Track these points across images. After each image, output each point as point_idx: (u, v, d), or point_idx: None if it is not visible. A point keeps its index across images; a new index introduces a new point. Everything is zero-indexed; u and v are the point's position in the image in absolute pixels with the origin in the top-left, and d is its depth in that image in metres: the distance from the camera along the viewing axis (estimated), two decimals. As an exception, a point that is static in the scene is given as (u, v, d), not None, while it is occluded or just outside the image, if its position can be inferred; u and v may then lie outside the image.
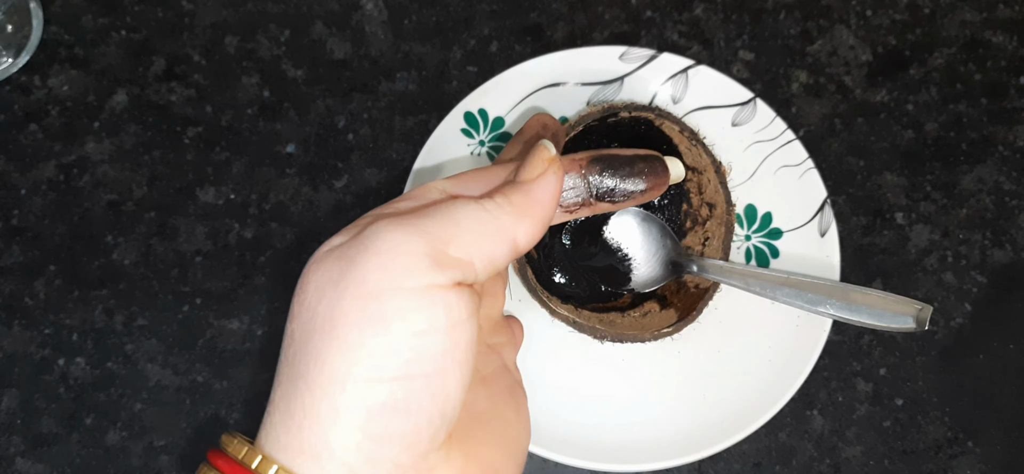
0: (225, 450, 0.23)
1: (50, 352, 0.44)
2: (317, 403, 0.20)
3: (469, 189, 0.26)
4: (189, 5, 0.49)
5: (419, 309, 0.20)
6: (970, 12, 0.49)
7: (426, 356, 0.20)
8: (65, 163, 0.47)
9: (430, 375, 0.21)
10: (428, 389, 0.21)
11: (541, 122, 0.33)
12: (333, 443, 0.20)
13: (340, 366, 0.20)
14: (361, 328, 0.20)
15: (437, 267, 0.21)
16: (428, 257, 0.21)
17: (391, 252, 0.20)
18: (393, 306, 0.20)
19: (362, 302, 0.20)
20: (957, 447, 0.43)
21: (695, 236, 0.43)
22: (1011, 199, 0.46)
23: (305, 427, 0.21)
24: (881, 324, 0.36)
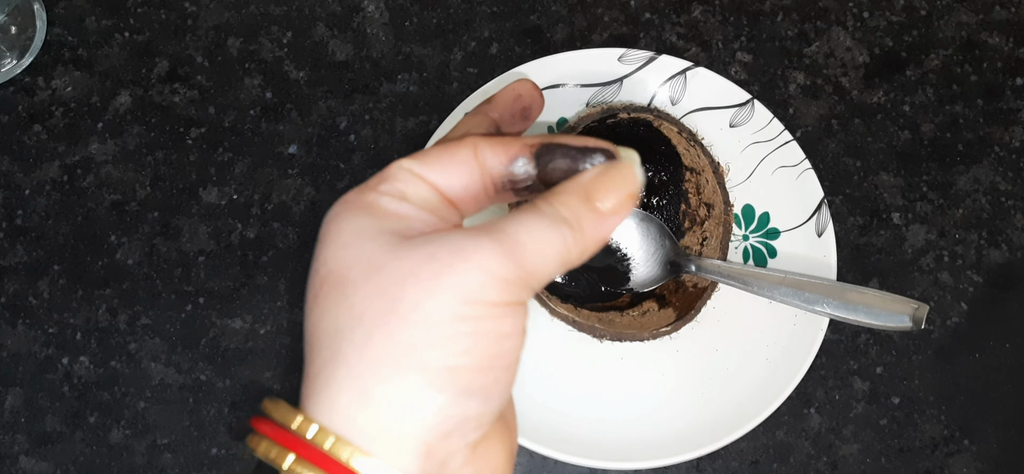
0: (287, 426, 0.23)
1: (54, 351, 0.45)
2: (406, 386, 0.22)
3: (437, 170, 0.25)
4: (192, 7, 0.49)
5: (503, 317, 0.23)
6: (966, 14, 0.49)
7: (505, 352, 0.23)
8: (69, 164, 0.47)
9: (504, 369, 0.23)
10: (502, 382, 0.23)
11: (515, 93, 0.30)
12: (417, 424, 0.22)
13: (431, 355, 0.22)
14: (453, 324, 0.22)
15: (519, 293, 0.23)
16: (515, 284, 0.23)
17: (489, 272, 0.22)
18: (485, 310, 0.22)
19: (457, 305, 0.22)
20: (953, 445, 0.44)
21: (693, 236, 0.44)
22: (1007, 199, 0.47)
23: (386, 406, 0.22)
24: (878, 323, 0.37)
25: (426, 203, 0.24)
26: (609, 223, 0.25)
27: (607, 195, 0.25)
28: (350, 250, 0.23)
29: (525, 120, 0.30)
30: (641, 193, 0.28)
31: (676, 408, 0.42)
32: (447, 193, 0.25)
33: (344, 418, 0.22)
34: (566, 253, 0.24)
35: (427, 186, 0.25)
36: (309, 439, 0.22)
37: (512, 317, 0.23)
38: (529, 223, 0.23)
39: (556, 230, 0.23)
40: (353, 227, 0.24)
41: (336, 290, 0.23)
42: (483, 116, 0.29)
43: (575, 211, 0.24)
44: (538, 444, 0.41)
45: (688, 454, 0.41)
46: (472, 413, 0.23)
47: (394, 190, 0.24)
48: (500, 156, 0.25)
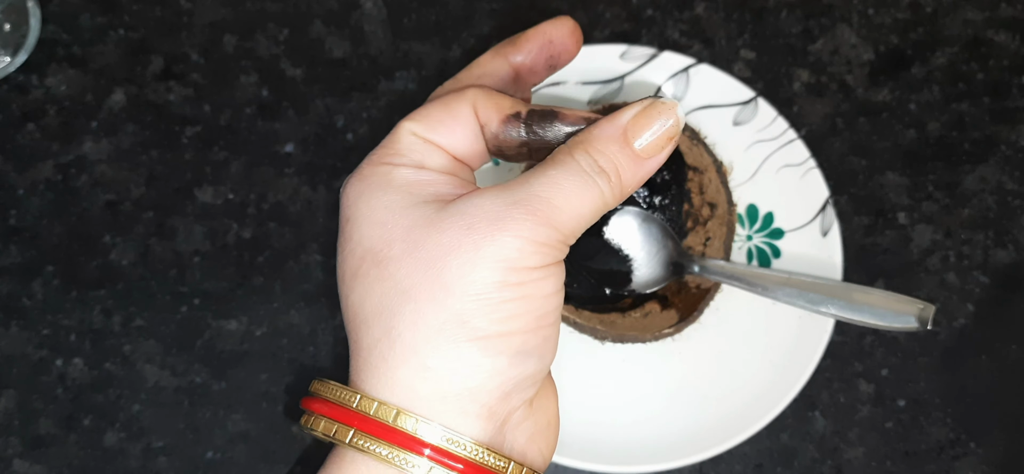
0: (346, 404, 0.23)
1: (48, 353, 0.44)
2: (463, 355, 0.22)
3: (442, 132, 0.25)
4: (187, 4, 0.49)
5: (546, 277, 0.23)
6: (972, 11, 0.48)
7: (549, 311, 0.23)
8: (63, 163, 0.46)
9: (551, 326, 0.24)
10: (551, 338, 0.24)
11: (546, 37, 0.28)
12: (477, 389, 0.23)
13: (482, 323, 0.22)
14: (500, 291, 0.22)
15: (557, 252, 0.23)
16: (552, 247, 0.23)
17: (528, 239, 0.22)
18: (527, 278, 0.23)
19: (500, 273, 0.22)
20: (959, 448, 0.43)
21: (696, 236, 0.43)
22: (1014, 199, 0.46)
23: (446, 377, 0.23)
24: (883, 324, 0.36)
25: (443, 167, 0.24)
26: (647, 167, 0.24)
27: (647, 136, 0.24)
28: (386, 227, 0.23)
29: (550, 69, 0.28)
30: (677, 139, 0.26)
31: (679, 411, 0.42)
32: (455, 154, 0.25)
33: (405, 389, 0.23)
34: (602, 204, 0.24)
35: (439, 151, 0.25)
36: (371, 414, 0.23)
37: (553, 277, 0.23)
38: (563, 182, 0.23)
39: (592, 184, 0.23)
40: (384, 203, 0.24)
41: (378, 267, 0.23)
42: (503, 59, 0.27)
43: (613, 159, 0.24)
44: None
45: (691, 458, 0.40)
46: (529, 372, 0.24)
47: (411, 161, 0.24)
48: (492, 115, 0.25)
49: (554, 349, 0.24)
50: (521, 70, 0.27)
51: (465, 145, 0.25)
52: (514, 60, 0.27)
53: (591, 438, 0.41)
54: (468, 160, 0.25)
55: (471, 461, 0.22)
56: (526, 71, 0.28)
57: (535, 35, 0.28)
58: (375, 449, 0.22)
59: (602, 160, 0.24)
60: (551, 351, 0.24)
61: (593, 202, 0.23)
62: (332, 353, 0.44)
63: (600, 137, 0.24)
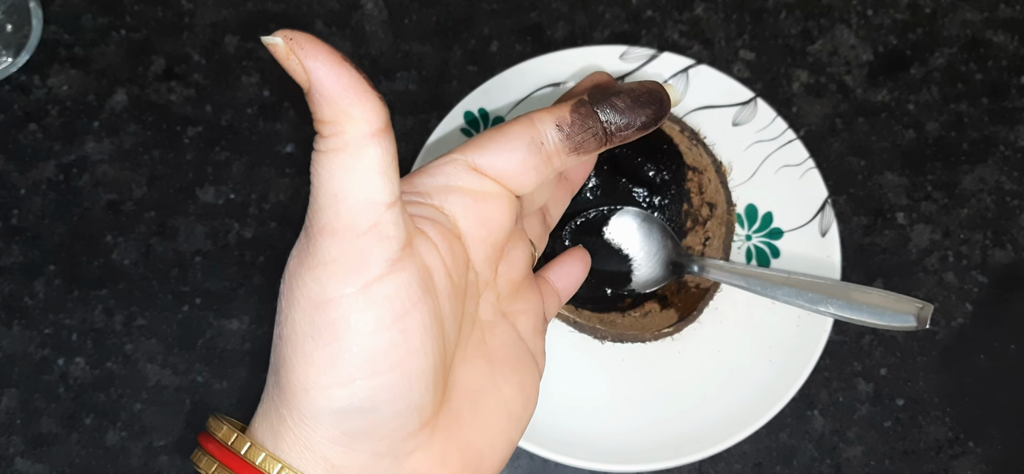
0: (214, 434, 0.24)
1: (50, 352, 0.44)
2: (292, 407, 0.22)
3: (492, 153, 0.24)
4: (189, 4, 0.49)
5: (361, 310, 0.20)
6: (971, 11, 0.49)
7: (379, 353, 0.21)
8: (65, 163, 0.47)
9: (388, 370, 0.21)
10: (389, 385, 0.21)
11: (594, 82, 0.28)
12: (311, 441, 0.22)
13: (302, 376, 0.21)
14: (314, 339, 0.21)
15: (362, 261, 0.20)
16: (347, 258, 0.21)
17: (317, 263, 0.21)
18: (338, 314, 0.20)
19: (310, 315, 0.21)
20: (958, 447, 0.43)
21: (696, 236, 0.43)
22: (1012, 199, 0.46)
23: (287, 423, 0.22)
24: (882, 323, 0.36)
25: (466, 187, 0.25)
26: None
27: None
28: None
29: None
30: None
31: (678, 410, 0.42)
32: (504, 177, 0.24)
33: (271, 434, 0.23)
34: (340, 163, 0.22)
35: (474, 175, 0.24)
36: (256, 464, 0.22)
37: (370, 308, 0.21)
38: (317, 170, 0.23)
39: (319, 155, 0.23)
40: None
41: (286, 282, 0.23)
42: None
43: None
44: (538, 447, 0.40)
45: (690, 457, 0.40)
46: (361, 427, 0.22)
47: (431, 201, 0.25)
48: (560, 116, 0.24)
49: (406, 400, 0.22)
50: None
51: (516, 161, 0.24)
52: None
53: (591, 437, 0.41)
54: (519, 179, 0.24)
55: None
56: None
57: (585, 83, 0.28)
58: None
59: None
60: (393, 402, 0.21)
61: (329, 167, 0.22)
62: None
63: None
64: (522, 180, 0.24)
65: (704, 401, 0.42)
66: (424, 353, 0.22)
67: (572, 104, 0.24)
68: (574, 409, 0.42)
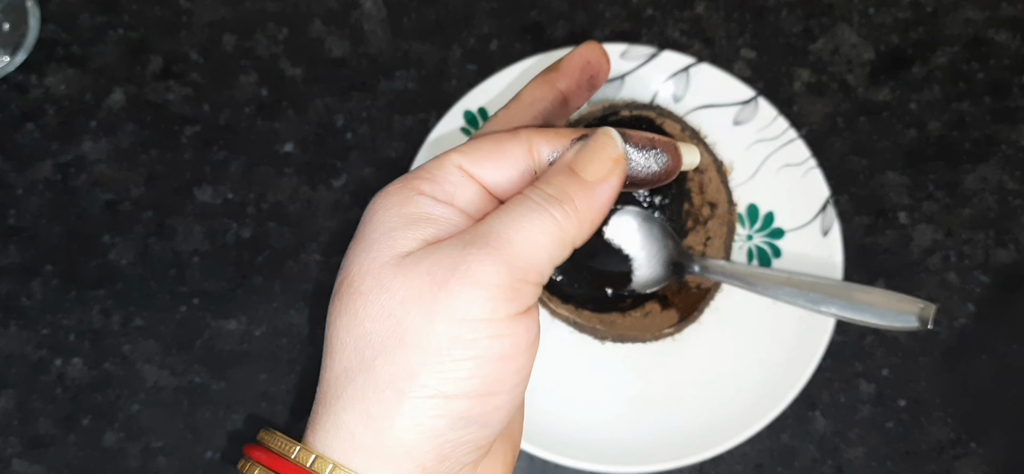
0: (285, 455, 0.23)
1: (47, 353, 0.44)
2: (405, 410, 0.22)
3: (488, 168, 0.24)
4: (187, 3, 0.48)
5: (502, 337, 0.22)
6: (973, 10, 0.48)
7: (507, 375, 0.23)
8: (62, 162, 0.46)
9: (506, 393, 0.23)
10: (503, 406, 0.23)
11: (583, 60, 0.29)
12: (414, 447, 0.22)
13: (430, 380, 0.22)
14: (451, 350, 0.22)
15: (520, 298, 0.23)
16: (512, 289, 0.22)
17: (483, 285, 0.22)
18: (482, 333, 0.22)
19: (455, 328, 0.22)
20: (960, 448, 0.43)
21: (697, 236, 0.43)
22: (1014, 198, 0.46)
23: (386, 429, 0.22)
24: (884, 323, 0.36)
25: (469, 204, 0.24)
26: (600, 194, 0.24)
27: (590, 164, 0.24)
28: (370, 255, 0.23)
29: (591, 90, 0.29)
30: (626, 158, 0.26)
31: (679, 411, 0.41)
32: (494, 190, 0.25)
33: (347, 435, 0.23)
34: (561, 233, 0.23)
35: (476, 187, 0.25)
36: (307, 466, 0.23)
37: (512, 335, 0.23)
38: (515, 213, 0.23)
39: (544, 212, 0.23)
40: (383, 228, 0.24)
41: (350, 297, 0.23)
42: (549, 86, 0.28)
43: (562, 187, 0.24)
44: (538, 447, 0.40)
45: (691, 458, 0.40)
46: (469, 439, 0.23)
47: (443, 193, 0.24)
48: (555, 147, 0.25)
49: (504, 419, 0.23)
50: (567, 93, 0.28)
51: (509, 184, 0.25)
52: (561, 85, 0.28)
53: (591, 438, 0.41)
54: (505, 196, 0.25)
55: None
56: (571, 94, 0.28)
57: (574, 58, 0.28)
58: None
59: (552, 190, 0.23)
60: (500, 420, 0.23)
61: (548, 232, 0.23)
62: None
63: (549, 172, 0.24)
64: (510, 195, 0.25)
65: (705, 402, 0.41)
66: (527, 381, 0.24)
67: (571, 139, 0.25)
68: (574, 410, 0.42)
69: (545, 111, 0.28)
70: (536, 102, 0.27)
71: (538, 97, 0.28)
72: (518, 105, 0.27)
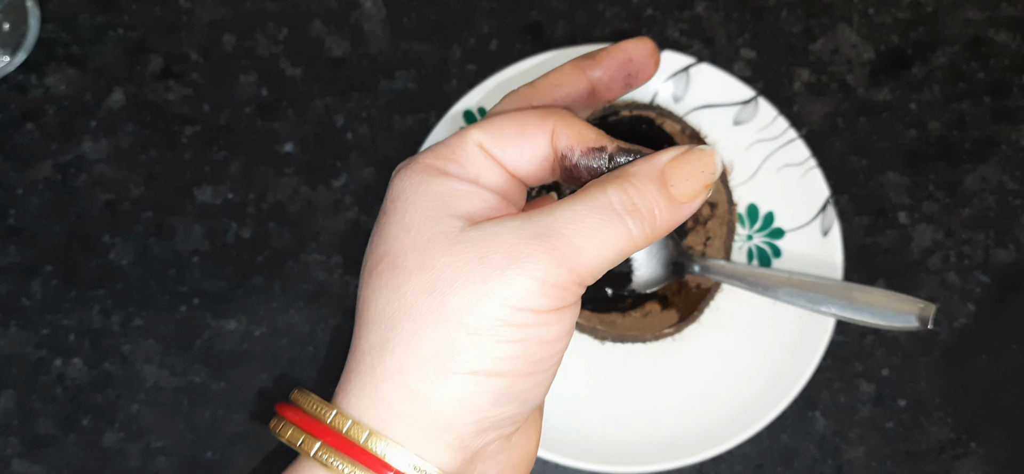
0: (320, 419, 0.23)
1: (47, 353, 0.44)
2: (447, 385, 0.22)
3: (509, 150, 0.24)
4: (187, 3, 0.48)
5: (549, 324, 0.23)
6: (973, 10, 0.48)
7: (548, 357, 0.23)
8: (62, 162, 0.46)
9: (545, 372, 0.23)
10: (542, 383, 0.24)
11: (626, 55, 0.27)
12: (454, 420, 0.23)
13: (474, 358, 0.22)
14: (497, 330, 0.22)
15: (571, 296, 0.23)
16: (566, 290, 0.22)
17: (540, 280, 0.22)
18: (532, 318, 0.22)
19: (503, 312, 0.22)
20: (960, 448, 0.43)
21: (697, 236, 0.43)
22: (1015, 198, 0.46)
23: (427, 401, 0.22)
24: (884, 323, 0.36)
25: (496, 186, 0.24)
26: (682, 212, 0.24)
27: (686, 182, 0.23)
28: (411, 234, 0.23)
29: (627, 87, 0.28)
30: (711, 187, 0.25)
31: (679, 411, 0.41)
32: (516, 172, 0.24)
33: (384, 406, 0.23)
34: (630, 246, 0.23)
35: (498, 168, 0.24)
36: (343, 432, 0.23)
37: (558, 323, 0.23)
38: (589, 221, 0.22)
39: (620, 223, 0.23)
40: (419, 208, 0.23)
41: (391, 272, 0.23)
42: (581, 73, 0.27)
43: (649, 200, 0.23)
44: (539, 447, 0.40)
45: (691, 458, 0.40)
46: (509, 414, 0.23)
47: (467, 174, 0.24)
48: (576, 146, 0.24)
49: (542, 396, 0.24)
50: (598, 86, 0.27)
51: (529, 167, 0.24)
52: (593, 75, 0.27)
53: (591, 438, 0.41)
54: (527, 180, 0.25)
55: None
56: (603, 87, 0.27)
57: (616, 52, 0.27)
58: (338, 465, 0.22)
59: (638, 199, 0.23)
60: (537, 397, 0.24)
61: (618, 243, 0.23)
62: (331, 353, 0.44)
63: (637, 175, 0.23)
64: (528, 178, 0.25)
65: (705, 402, 0.41)
66: (557, 369, 0.24)
67: (592, 146, 0.24)
68: (574, 410, 0.42)
69: (569, 98, 0.27)
70: (561, 86, 0.26)
71: (565, 82, 0.27)
72: (543, 85, 0.26)
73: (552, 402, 0.42)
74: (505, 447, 0.24)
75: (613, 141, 0.24)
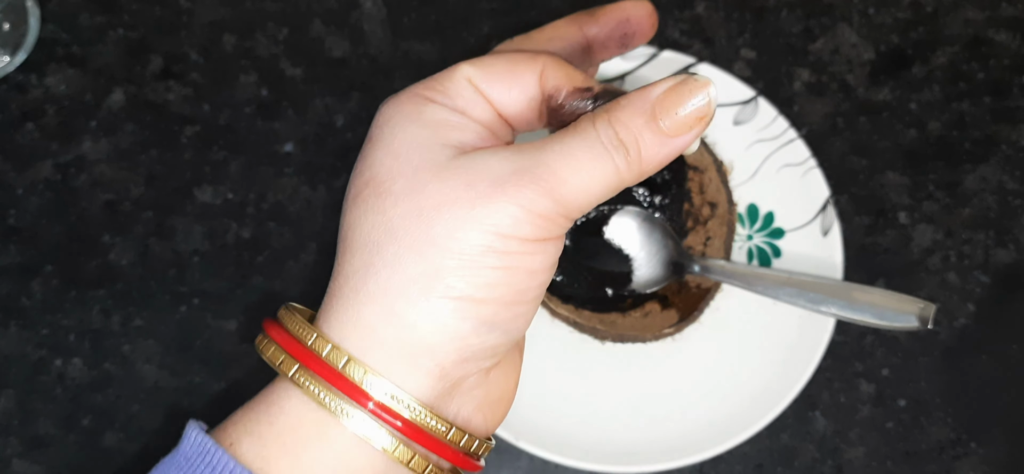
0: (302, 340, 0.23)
1: (47, 353, 0.44)
2: (431, 309, 0.22)
3: (498, 87, 0.24)
4: (187, 3, 0.48)
5: (535, 253, 0.23)
6: (973, 10, 0.48)
7: (531, 287, 0.23)
8: (62, 162, 0.46)
9: (528, 303, 0.23)
10: (524, 315, 0.24)
11: (623, 15, 0.27)
12: (436, 346, 0.22)
13: (459, 283, 0.22)
14: (483, 257, 0.22)
15: (556, 228, 0.23)
16: (552, 221, 0.22)
17: (527, 209, 0.22)
18: (515, 248, 0.22)
19: (489, 238, 0.22)
20: (960, 448, 0.43)
21: (697, 236, 0.43)
22: (1014, 198, 0.46)
23: (409, 326, 0.22)
24: (884, 323, 0.36)
25: (483, 120, 0.24)
26: (672, 146, 0.23)
27: (675, 110, 0.23)
28: (398, 160, 0.23)
29: (623, 47, 0.28)
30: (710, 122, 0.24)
31: (679, 411, 0.41)
32: (504, 112, 0.24)
33: (366, 329, 0.23)
34: (617, 182, 0.23)
35: (486, 104, 0.24)
36: (322, 355, 0.23)
37: (543, 253, 0.23)
38: (577, 153, 0.22)
39: (608, 157, 0.23)
40: (406, 135, 0.23)
41: (376, 197, 0.23)
42: (577, 28, 0.27)
43: (636, 132, 0.23)
44: (538, 447, 0.40)
45: (691, 458, 0.40)
46: (491, 344, 0.23)
47: (454, 104, 0.24)
48: (564, 86, 0.24)
49: (524, 327, 0.24)
50: (594, 43, 0.27)
51: (517, 107, 0.24)
52: (589, 31, 0.27)
53: (591, 438, 0.41)
54: (514, 122, 0.25)
55: (411, 421, 0.22)
56: (599, 45, 0.27)
57: (614, 10, 0.27)
58: (314, 389, 0.22)
59: (623, 133, 0.23)
60: (519, 329, 0.24)
61: (606, 178, 0.23)
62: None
63: (626, 108, 0.23)
64: (515, 119, 0.25)
65: (705, 402, 0.41)
66: (539, 302, 0.24)
67: (579, 86, 0.24)
68: (574, 410, 0.42)
69: (564, 51, 0.27)
70: (556, 41, 0.27)
71: (560, 36, 0.27)
72: (539, 37, 0.27)
73: (552, 402, 0.42)
74: (483, 382, 0.24)
75: (600, 84, 0.24)
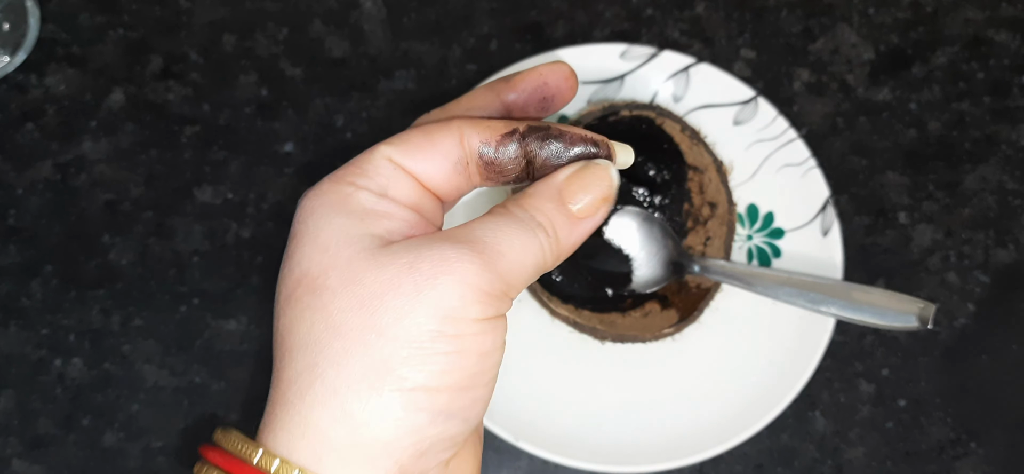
0: (246, 459, 0.22)
1: (47, 353, 0.44)
2: (384, 404, 0.21)
3: (419, 159, 0.23)
4: (186, 3, 0.48)
5: (485, 333, 0.22)
6: (973, 10, 0.48)
7: (484, 371, 0.22)
8: (62, 162, 0.46)
9: (483, 387, 0.23)
10: (481, 400, 0.23)
11: (541, 79, 0.26)
12: (392, 443, 0.21)
13: (411, 373, 0.21)
14: (433, 343, 0.21)
15: (500, 306, 0.23)
16: (496, 297, 0.22)
17: (472, 286, 0.21)
18: (465, 330, 0.22)
19: (437, 323, 0.21)
20: (960, 448, 0.43)
21: (697, 236, 0.43)
22: (1014, 198, 0.46)
23: (363, 425, 0.21)
24: (884, 323, 0.36)
25: (407, 199, 0.23)
26: (583, 227, 0.24)
27: (580, 196, 0.24)
28: (328, 253, 0.22)
29: (543, 111, 0.28)
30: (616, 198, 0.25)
31: (679, 411, 0.41)
32: (429, 185, 0.24)
33: (317, 434, 0.22)
34: (542, 261, 0.23)
35: (409, 180, 0.24)
36: (271, 473, 0.22)
37: (492, 333, 0.22)
38: (507, 228, 0.23)
39: (532, 236, 0.23)
40: (332, 226, 0.23)
41: (312, 295, 0.22)
42: (494, 95, 0.26)
43: (549, 215, 0.23)
44: (538, 447, 0.40)
45: (691, 458, 0.40)
46: (449, 434, 0.22)
47: (375, 185, 0.23)
48: (486, 138, 0.24)
49: (482, 413, 0.23)
50: (513, 108, 0.27)
51: (442, 174, 0.24)
52: (507, 98, 0.26)
53: (591, 438, 0.41)
54: (442, 193, 0.24)
55: None
56: (518, 109, 0.27)
57: (531, 76, 0.26)
58: None
59: (540, 216, 0.23)
60: (476, 415, 0.23)
61: (534, 255, 0.23)
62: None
63: (537, 194, 0.24)
64: (441, 189, 0.24)
65: (705, 402, 0.41)
66: (494, 385, 0.23)
67: (504, 132, 0.24)
68: (574, 410, 0.42)
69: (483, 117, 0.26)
70: (474, 109, 0.26)
71: (478, 105, 0.26)
72: (456, 108, 0.26)
73: (552, 402, 0.42)
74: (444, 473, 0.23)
75: (522, 122, 0.24)
